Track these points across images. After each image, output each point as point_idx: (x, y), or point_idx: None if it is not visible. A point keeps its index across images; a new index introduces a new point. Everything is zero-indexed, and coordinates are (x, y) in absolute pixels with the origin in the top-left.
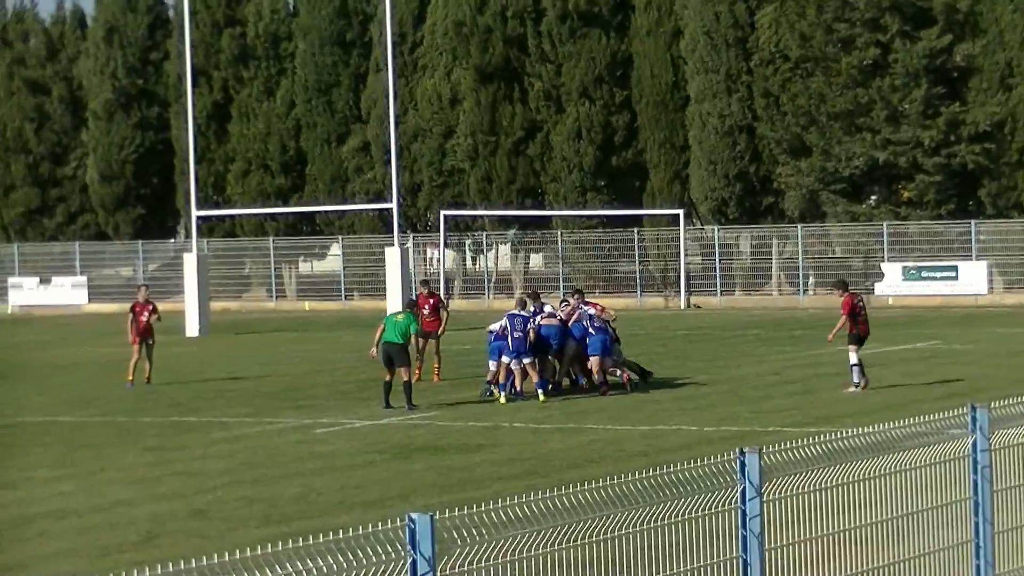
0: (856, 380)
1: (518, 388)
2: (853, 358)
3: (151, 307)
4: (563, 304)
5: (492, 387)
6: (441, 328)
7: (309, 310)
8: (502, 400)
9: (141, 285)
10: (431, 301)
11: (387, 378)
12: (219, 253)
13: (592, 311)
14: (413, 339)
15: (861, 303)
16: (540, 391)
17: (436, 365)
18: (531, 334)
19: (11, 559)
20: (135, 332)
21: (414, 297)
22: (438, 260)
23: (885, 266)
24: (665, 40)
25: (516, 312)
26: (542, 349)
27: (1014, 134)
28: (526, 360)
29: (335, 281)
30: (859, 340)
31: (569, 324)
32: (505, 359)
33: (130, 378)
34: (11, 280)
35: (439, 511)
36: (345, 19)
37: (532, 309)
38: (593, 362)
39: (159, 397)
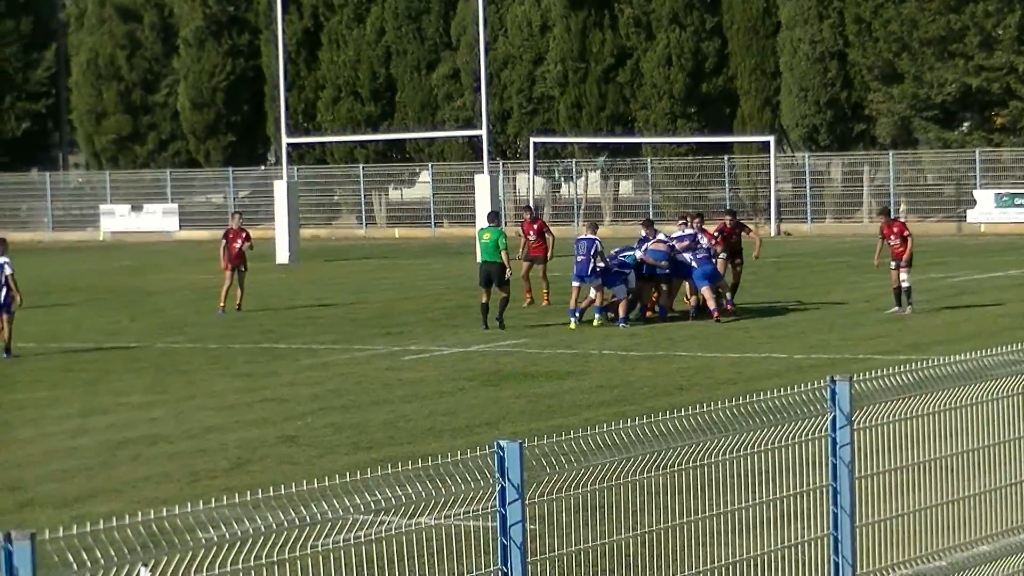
0: (901, 303)
1: (582, 307)
2: (908, 281)
3: (244, 234)
4: (681, 224)
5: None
6: (549, 253)
7: (399, 237)
8: (571, 326)
9: (235, 212)
10: (535, 226)
11: (483, 300)
12: (309, 180)
13: (705, 241)
14: (504, 256)
15: None
16: (597, 315)
17: (544, 290)
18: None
19: (104, 483)
20: (227, 259)
21: (495, 210)
22: (527, 188)
23: (977, 193)
24: None
25: (583, 236)
26: (647, 276)
27: None
28: (592, 283)
29: (425, 208)
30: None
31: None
32: (574, 283)
33: (222, 304)
34: (103, 207)
35: (528, 438)
36: None
37: (643, 235)
38: (704, 292)
39: (249, 324)
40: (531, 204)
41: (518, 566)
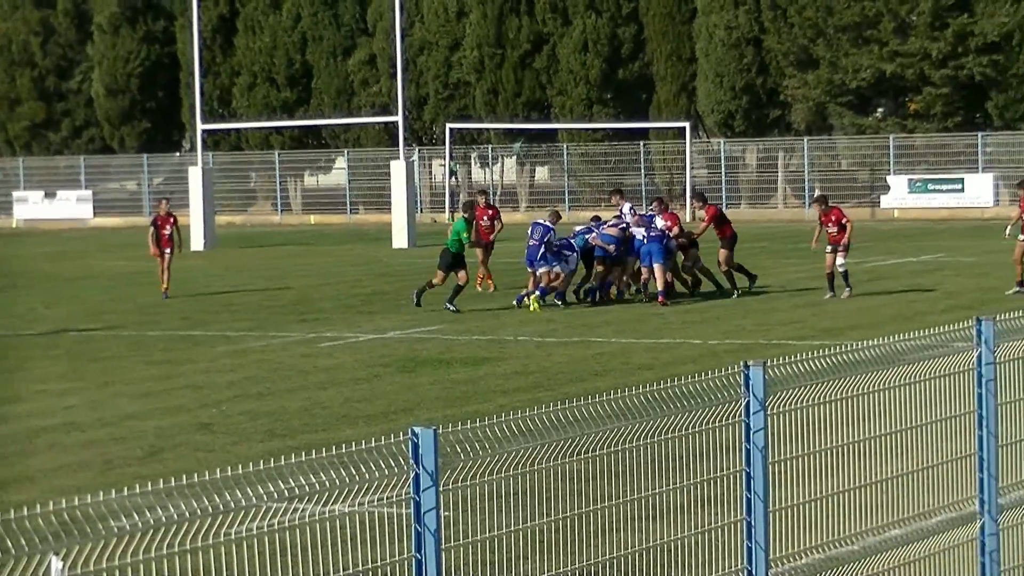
0: (834, 288)
1: (527, 291)
2: (845, 265)
3: (172, 219)
4: (657, 206)
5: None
6: (492, 237)
7: (314, 224)
8: (533, 307)
9: (163, 198)
10: (490, 212)
11: (435, 280)
12: (224, 167)
13: (660, 221)
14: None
15: None
16: (538, 297)
17: (480, 275)
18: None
19: (18, 472)
20: (156, 244)
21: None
22: (443, 174)
23: (891, 179)
24: None
25: (539, 222)
26: (601, 258)
27: (1022, 45)
28: (540, 269)
29: (341, 195)
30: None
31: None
32: (529, 268)
33: (164, 287)
34: (16, 194)
35: (443, 425)
36: None
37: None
38: (656, 270)
39: (166, 311)
40: (485, 188)
41: (432, 553)
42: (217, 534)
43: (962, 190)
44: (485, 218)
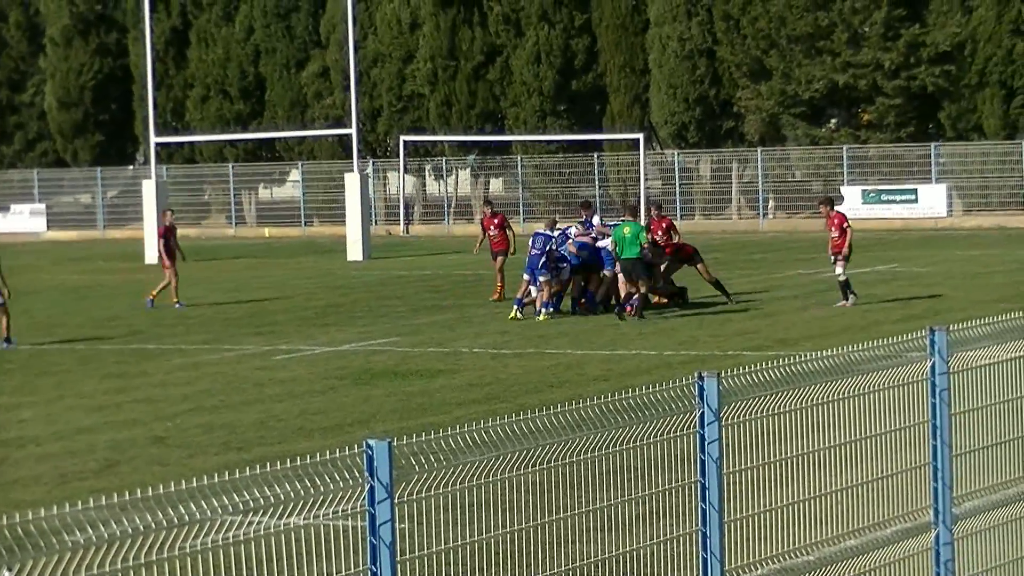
0: (846, 296)
1: (522, 299)
2: (844, 274)
3: (174, 231)
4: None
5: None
6: (511, 247)
7: (269, 236)
8: (513, 315)
9: (166, 210)
10: (495, 220)
11: (631, 289)
12: (178, 180)
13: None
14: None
15: None
16: (543, 310)
17: (499, 284)
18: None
19: None
20: (168, 255)
21: (634, 204)
22: (398, 186)
23: (845, 189)
24: None
25: (540, 231)
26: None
27: (974, 56)
28: (541, 278)
29: (295, 207)
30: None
31: (598, 243)
32: (525, 276)
33: (175, 300)
34: None
35: (398, 437)
36: None
37: (584, 217)
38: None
39: (119, 324)
40: (490, 198)
41: (387, 565)
42: (172, 547)
43: (915, 200)
44: (493, 228)
